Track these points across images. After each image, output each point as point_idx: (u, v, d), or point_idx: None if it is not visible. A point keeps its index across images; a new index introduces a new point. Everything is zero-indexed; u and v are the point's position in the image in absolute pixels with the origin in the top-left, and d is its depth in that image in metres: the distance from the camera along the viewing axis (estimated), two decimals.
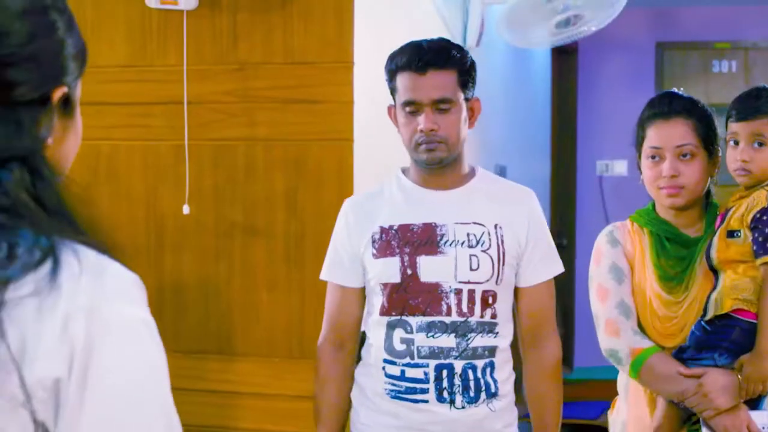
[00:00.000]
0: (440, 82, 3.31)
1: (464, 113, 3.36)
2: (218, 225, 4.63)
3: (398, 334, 3.35)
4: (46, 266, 1.39)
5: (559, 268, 3.50)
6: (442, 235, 3.34)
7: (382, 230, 3.41)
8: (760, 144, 3.30)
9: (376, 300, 3.41)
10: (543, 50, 8.76)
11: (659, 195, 3.43)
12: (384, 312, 3.38)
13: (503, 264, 3.35)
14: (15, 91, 1.45)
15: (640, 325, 3.44)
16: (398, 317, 3.35)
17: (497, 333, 3.37)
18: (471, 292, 3.32)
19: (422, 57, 3.31)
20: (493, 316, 3.35)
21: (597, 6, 5.55)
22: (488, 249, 3.33)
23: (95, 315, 1.41)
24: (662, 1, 9.29)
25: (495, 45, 6.47)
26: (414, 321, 3.32)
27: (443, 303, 3.30)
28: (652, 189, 3.46)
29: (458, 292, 3.31)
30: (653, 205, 3.55)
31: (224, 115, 4.59)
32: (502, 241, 3.35)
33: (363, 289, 3.50)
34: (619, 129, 9.49)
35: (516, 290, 3.45)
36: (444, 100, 3.30)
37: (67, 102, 1.55)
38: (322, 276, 3.58)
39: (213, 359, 4.64)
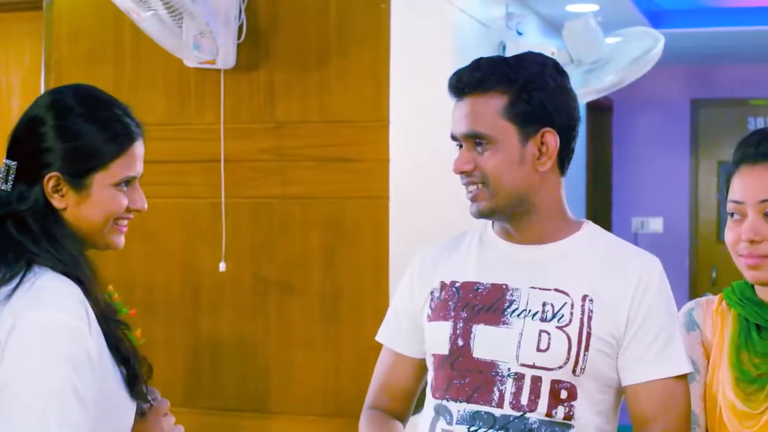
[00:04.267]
0: (473, 110, 2.48)
1: (516, 151, 2.47)
2: (255, 283, 4.65)
3: (440, 425, 2.52)
4: (14, 282, 2.10)
5: (677, 366, 2.48)
6: (512, 302, 2.49)
7: (442, 286, 2.59)
8: None
9: (429, 376, 2.62)
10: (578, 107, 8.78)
11: (740, 264, 2.53)
12: (431, 391, 2.58)
13: (586, 348, 2.44)
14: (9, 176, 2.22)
15: None
16: (439, 401, 2.53)
17: None
18: (535, 380, 2.44)
19: (460, 77, 2.52)
20: (568, 416, 2.44)
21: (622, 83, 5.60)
22: (566, 326, 2.45)
23: (17, 317, 2.06)
24: (697, 59, 9.29)
25: None
26: (455, 408, 2.49)
27: (495, 389, 2.45)
28: (733, 257, 2.55)
29: (518, 377, 2.45)
30: None
31: (261, 173, 4.62)
32: (590, 318, 2.45)
33: (424, 361, 2.67)
34: (654, 186, 9.54)
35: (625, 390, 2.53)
36: (474, 135, 2.48)
37: (74, 182, 2.21)
38: (377, 337, 2.79)
39: (249, 417, 4.63)
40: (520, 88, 2.46)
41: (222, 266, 4.59)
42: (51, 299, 2.10)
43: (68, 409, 2.02)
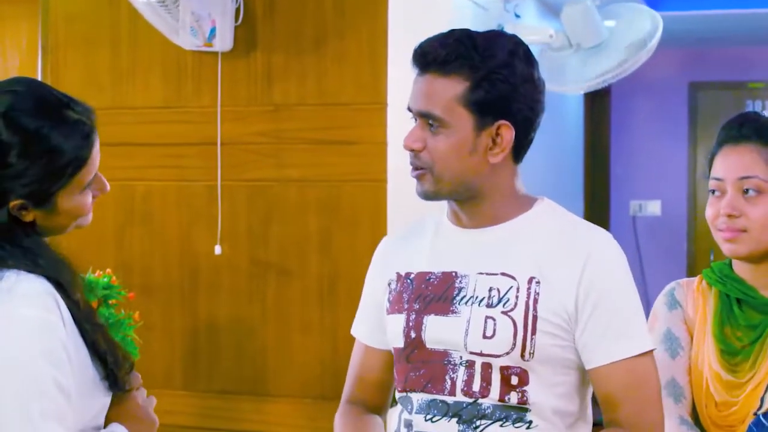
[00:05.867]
0: (431, 89, 2.38)
1: (468, 140, 2.38)
2: (252, 266, 4.65)
3: (404, 415, 2.49)
4: None
5: (639, 344, 2.39)
6: (460, 289, 2.42)
7: (398, 278, 2.54)
8: None
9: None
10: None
11: (718, 238, 2.66)
12: (396, 384, 2.56)
13: (533, 332, 2.35)
14: None
15: (695, 410, 2.68)
16: (403, 393, 2.50)
17: (531, 424, 2.38)
18: (485, 367, 2.38)
19: (424, 51, 2.42)
20: (523, 401, 2.37)
21: (626, 71, 5.56)
22: (511, 310, 2.36)
23: None
24: (695, 42, 9.28)
25: None
26: (415, 398, 2.46)
27: (447, 378, 2.41)
28: (712, 231, 2.68)
29: (470, 365, 2.39)
30: (731, 260, 2.73)
31: (258, 156, 4.61)
32: (536, 301, 2.36)
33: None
34: (652, 169, 9.53)
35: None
36: (428, 116, 2.38)
37: (41, 202, 2.13)
38: (351, 329, 2.78)
39: (246, 400, 4.64)
40: (482, 77, 2.35)
41: (217, 249, 4.60)
42: (20, 296, 2.06)
43: (50, 400, 2.01)
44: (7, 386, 2.00)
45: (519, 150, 2.45)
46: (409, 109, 2.43)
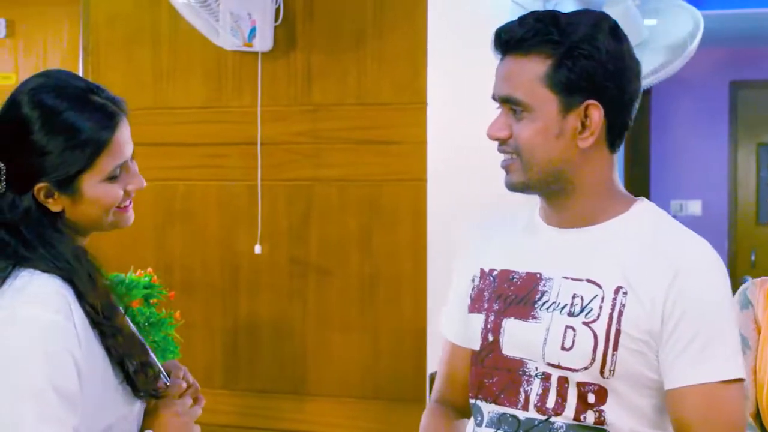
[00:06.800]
0: (511, 72, 2.20)
1: (554, 123, 2.18)
2: (292, 265, 4.65)
3: (474, 427, 2.33)
4: None
5: (723, 370, 2.12)
6: (543, 293, 2.22)
7: (482, 274, 2.36)
8: None
9: None
10: None
11: None
12: (469, 390, 2.37)
13: (615, 348, 2.13)
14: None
15: (759, 412, 2.59)
16: (474, 401, 2.32)
17: None
18: (562, 381, 2.17)
19: (503, 33, 2.22)
20: (600, 422, 2.15)
21: (667, 73, 5.52)
22: (593, 322, 2.14)
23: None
24: (736, 40, 9.22)
25: None
26: (486, 410, 2.28)
27: (521, 390, 2.21)
28: None
29: (545, 377, 2.19)
30: None
31: (298, 156, 4.62)
32: (620, 314, 2.13)
33: None
34: (693, 169, 9.48)
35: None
36: (510, 100, 2.20)
37: (64, 186, 2.13)
38: (441, 326, 2.54)
39: (287, 398, 4.64)
40: (564, 53, 2.15)
41: (257, 249, 4.61)
42: (29, 295, 2.04)
43: (48, 405, 1.97)
44: (3, 386, 1.97)
45: (613, 136, 2.24)
46: (494, 98, 2.25)
